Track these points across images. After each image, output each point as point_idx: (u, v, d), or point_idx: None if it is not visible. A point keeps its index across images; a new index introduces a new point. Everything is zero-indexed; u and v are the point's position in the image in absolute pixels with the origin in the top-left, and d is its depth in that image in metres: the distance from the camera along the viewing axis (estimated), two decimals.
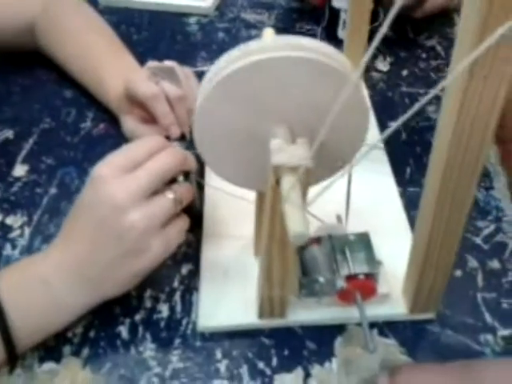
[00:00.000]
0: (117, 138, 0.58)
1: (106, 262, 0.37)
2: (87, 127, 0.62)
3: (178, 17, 0.79)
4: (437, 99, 0.61)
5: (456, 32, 0.69)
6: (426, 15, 0.68)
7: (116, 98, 0.56)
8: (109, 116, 0.61)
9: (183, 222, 0.40)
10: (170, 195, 0.40)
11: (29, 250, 0.49)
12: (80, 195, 0.41)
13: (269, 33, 0.43)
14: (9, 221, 0.52)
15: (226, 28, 0.76)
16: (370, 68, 0.63)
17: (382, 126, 0.58)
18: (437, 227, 0.33)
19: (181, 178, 0.43)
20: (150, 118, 0.51)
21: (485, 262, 0.45)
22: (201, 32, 0.76)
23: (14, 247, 0.50)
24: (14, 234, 0.51)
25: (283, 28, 0.74)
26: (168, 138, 0.50)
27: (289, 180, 0.28)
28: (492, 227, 0.48)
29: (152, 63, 0.52)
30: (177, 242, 0.40)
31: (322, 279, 0.37)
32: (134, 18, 0.79)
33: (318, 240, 0.39)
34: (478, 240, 0.47)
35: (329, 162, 0.33)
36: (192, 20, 0.78)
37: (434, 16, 0.70)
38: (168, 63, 0.52)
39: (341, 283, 0.37)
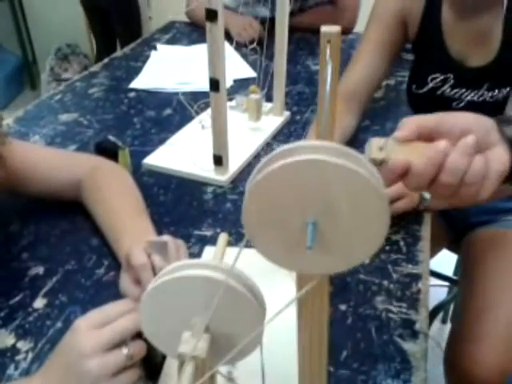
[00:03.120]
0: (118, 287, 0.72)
1: None
2: (100, 273, 0.76)
3: (199, 185, 0.96)
4: (387, 291, 0.71)
5: (423, 230, 0.80)
6: (397, 213, 0.81)
7: (123, 257, 0.71)
8: (120, 266, 0.75)
9: (133, 373, 0.52)
10: (124, 351, 0.52)
11: (27, 372, 0.61)
12: (62, 340, 0.54)
13: (223, 237, 0.57)
14: (19, 345, 0.65)
15: (234, 200, 0.92)
16: None
17: (335, 306, 0.68)
18: None
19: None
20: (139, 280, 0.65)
21: None
22: (213, 200, 0.92)
23: (16, 368, 0.62)
24: (20, 356, 0.64)
25: None
26: None
27: (189, 367, 0.39)
28: None
29: (152, 238, 0.67)
30: None
31: None
32: (165, 182, 0.97)
33: None
34: None
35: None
36: (209, 189, 0.95)
37: (405, 213, 0.83)
38: (164, 238, 0.67)
39: None
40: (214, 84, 0.85)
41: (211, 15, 0.78)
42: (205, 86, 1.31)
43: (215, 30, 0.80)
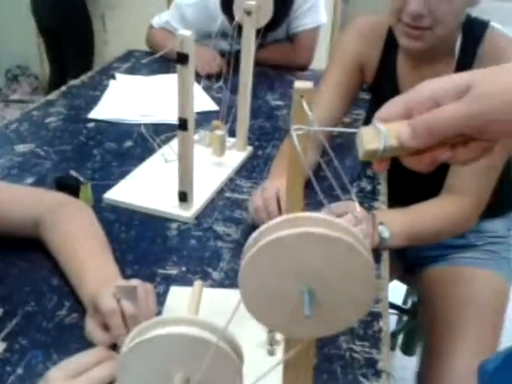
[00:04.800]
0: (84, 329, 0.70)
1: None
2: (62, 315, 0.74)
3: (162, 221, 0.96)
4: (350, 330, 0.74)
5: (382, 269, 0.83)
6: None
7: (88, 299, 0.69)
8: (83, 308, 0.73)
9: None
10: None
11: None
12: None
13: (198, 286, 0.57)
14: None
15: (199, 236, 0.92)
16: None
17: None
18: None
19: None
20: (107, 325, 0.63)
21: None
22: (178, 237, 0.92)
23: None
24: None
25: (244, 241, 0.90)
26: (115, 344, 0.63)
27: None
28: None
29: (120, 282, 0.67)
30: None
31: None
32: (128, 218, 0.96)
33: None
34: None
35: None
36: (173, 225, 0.95)
37: None
38: (133, 282, 0.66)
39: None
40: (183, 123, 0.86)
41: (183, 58, 0.79)
42: (166, 119, 1.32)
43: (186, 72, 0.82)
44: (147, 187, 1.04)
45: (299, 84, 0.60)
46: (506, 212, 1.13)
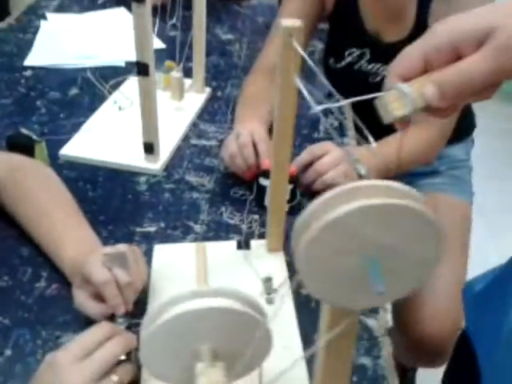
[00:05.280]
0: (68, 299, 0.66)
1: None
2: (41, 287, 0.69)
3: (129, 176, 0.90)
4: None
5: None
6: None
7: (70, 269, 0.65)
8: (62, 277, 0.69)
9: None
10: (114, 378, 0.48)
11: None
12: (36, 377, 0.49)
13: (200, 248, 0.54)
14: None
15: (172, 189, 0.88)
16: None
17: (296, 291, 0.69)
18: None
19: (123, 357, 0.52)
20: (99, 295, 0.60)
21: None
22: (149, 192, 0.87)
23: None
24: None
25: (220, 191, 0.87)
26: (113, 314, 0.60)
27: None
28: None
29: (107, 249, 0.62)
30: None
31: None
32: (91, 175, 0.90)
33: None
34: None
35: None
36: (142, 179, 0.90)
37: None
38: (120, 248, 0.62)
39: None
40: (143, 69, 0.79)
41: None
42: (112, 60, 1.22)
43: (142, 11, 0.73)
44: (105, 139, 0.96)
45: (286, 22, 0.56)
46: (465, 137, 1.16)
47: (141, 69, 0.79)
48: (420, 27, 0.96)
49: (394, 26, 0.99)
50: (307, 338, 0.63)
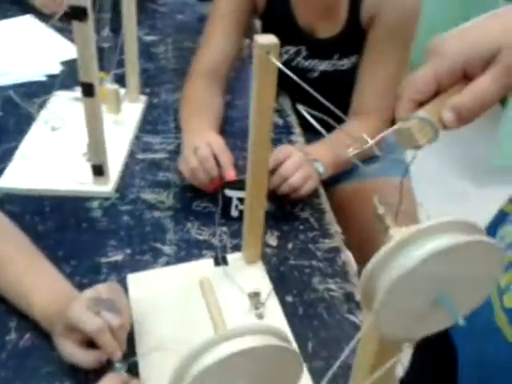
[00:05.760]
0: (47, 348, 0.62)
1: None
2: (13, 340, 0.64)
3: (79, 202, 0.85)
4: (319, 270, 0.76)
5: (323, 203, 0.85)
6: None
7: (44, 317, 0.60)
8: (33, 326, 0.64)
9: None
10: None
11: None
12: None
13: (206, 282, 0.53)
14: None
15: (129, 210, 0.84)
16: (263, 244, 0.76)
17: (281, 300, 0.70)
18: None
19: None
20: (88, 340, 0.56)
21: None
22: (106, 217, 0.82)
23: None
24: None
25: (182, 207, 0.85)
26: (109, 359, 0.56)
27: None
28: None
29: (88, 293, 0.58)
30: None
31: None
32: (36, 206, 0.83)
33: None
34: None
35: None
36: (94, 204, 0.85)
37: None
38: (100, 289, 0.59)
39: None
40: (88, 89, 0.74)
41: (80, 13, 0.66)
42: (31, 75, 1.13)
43: (84, 28, 0.68)
44: (44, 165, 0.89)
45: (261, 39, 0.55)
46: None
47: (85, 89, 0.74)
48: (353, 22, 0.99)
49: (326, 21, 1.01)
50: (301, 347, 0.64)
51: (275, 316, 0.67)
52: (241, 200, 0.81)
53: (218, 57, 1.03)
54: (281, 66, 0.53)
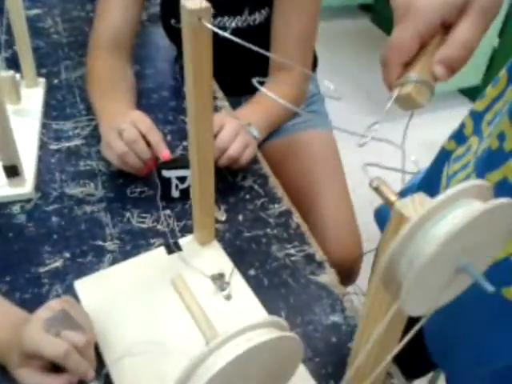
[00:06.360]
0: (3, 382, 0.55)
1: None
2: None
3: None
4: (275, 237, 0.74)
5: (264, 167, 0.82)
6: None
7: None
8: None
9: None
10: None
11: None
12: None
13: (178, 279, 0.49)
14: None
15: (57, 210, 0.75)
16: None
17: (244, 275, 0.68)
18: None
19: None
20: (50, 365, 0.50)
21: None
22: (32, 221, 0.74)
23: None
24: None
25: (115, 196, 0.78)
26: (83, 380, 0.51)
27: None
28: None
29: (41, 313, 0.52)
30: None
31: None
32: None
33: None
34: None
35: None
36: (15, 209, 0.75)
37: None
38: (52, 305, 0.52)
39: None
40: None
41: None
42: None
43: None
44: None
45: (190, 4, 0.49)
46: (314, 73, 1.21)
47: None
48: None
49: None
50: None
51: (242, 293, 0.65)
52: (180, 179, 0.76)
53: (119, 23, 0.94)
54: (217, 30, 0.48)
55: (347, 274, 1.05)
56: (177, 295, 0.57)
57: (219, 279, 0.65)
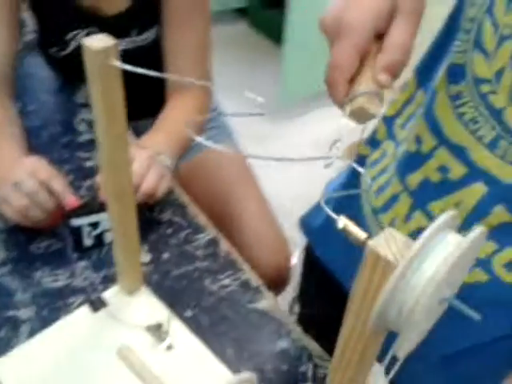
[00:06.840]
0: None
1: None
2: None
3: None
4: (206, 270, 0.71)
5: (180, 197, 0.78)
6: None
7: None
8: None
9: None
10: None
11: None
12: None
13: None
14: None
15: None
16: None
17: (181, 317, 0.63)
18: None
19: None
20: None
21: None
22: None
23: None
24: None
25: (19, 255, 0.69)
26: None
27: None
28: None
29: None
30: None
31: None
32: None
33: None
34: None
35: None
36: None
37: None
38: None
39: None
40: None
41: None
42: None
43: None
44: None
45: (94, 44, 0.44)
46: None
47: None
48: None
49: None
50: (223, 358, 0.60)
51: (184, 340, 0.60)
52: (92, 225, 0.69)
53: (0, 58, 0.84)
54: (127, 67, 0.43)
55: (277, 283, 1.04)
56: (114, 358, 0.51)
57: (157, 330, 0.59)
